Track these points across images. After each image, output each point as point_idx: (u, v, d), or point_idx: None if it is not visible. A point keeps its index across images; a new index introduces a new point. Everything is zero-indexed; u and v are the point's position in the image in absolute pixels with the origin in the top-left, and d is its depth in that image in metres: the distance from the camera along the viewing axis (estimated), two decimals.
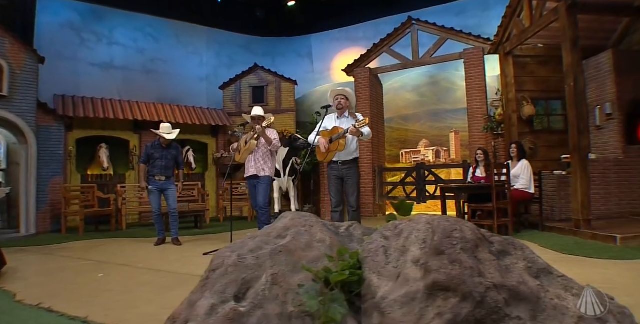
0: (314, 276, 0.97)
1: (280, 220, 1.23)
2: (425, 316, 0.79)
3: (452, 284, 0.80)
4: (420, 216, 1.07)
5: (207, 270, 1.11)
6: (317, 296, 0.91)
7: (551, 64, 6.56)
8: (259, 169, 4.87)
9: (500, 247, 0.94)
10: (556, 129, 6.53)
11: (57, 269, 3.89)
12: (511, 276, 0.85)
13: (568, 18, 4.67)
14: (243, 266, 1.01)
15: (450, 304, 0.78)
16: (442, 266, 0.83)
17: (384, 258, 1.04)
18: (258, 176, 4.88)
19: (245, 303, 0.94)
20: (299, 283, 1.00)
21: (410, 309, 0.84)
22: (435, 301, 0.81)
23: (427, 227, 0.99)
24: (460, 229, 0.89)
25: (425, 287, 0.83)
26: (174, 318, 0.95)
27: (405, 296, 0.86)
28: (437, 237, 0.87)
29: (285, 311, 0.92)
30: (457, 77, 10.44)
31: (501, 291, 0.81)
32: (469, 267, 0.82)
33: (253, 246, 1.09)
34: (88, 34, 9.50)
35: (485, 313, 0.79)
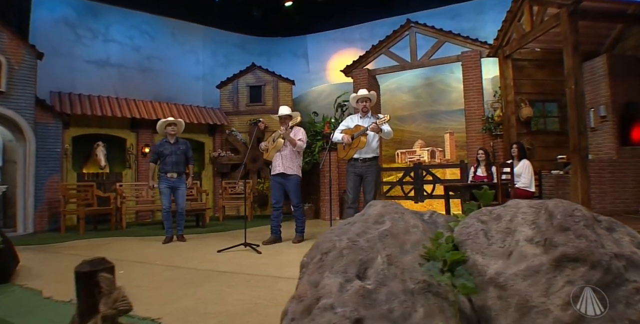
0: (428, 256, 1.05)
1: (370, 208, 1.30)
2: (555, 285, 0.88)
3: (580, 255, 0.89)
4: (517, 201, 1.17)
5: (312, 254, 1.18)
6: (440, 273, 1.00)
7: (548, 68, 6.80)
8: (287, 168, 4.95)
9: (607, 224, 1.04)
10: (552, 131, 6.77)
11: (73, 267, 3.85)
12: (623, 247, 0.95)
13: (569, 24, 4.87)
14: (357, 248, 1.09)
15: (579, 273, 0.88)
16: (569, 240, 0.92)
17: (485, 240, 1.12)
18: (286, 174, 4.96)
19: (369, 281, 1.01)
20: (410, 263, 1.08)
21: (535, 281, 0.93)
22: (563, 271, 0.90)
23: (533, 210, 1.08)
24: (579, 209, 0.99)
25: (551, 260, 0.92)
26: (300, 297, 1.01)
27: (526, 270, 0.95)
28: (560, 216, 0.96)
29: (407, 288, 1.00)
30: (452, 79, 10.68)
31: (620, 260, 0.91)
32: (593, 240, 0.92)
33: (357, 230, 1.16)
34: (84, 30, 9.36)
35: (611, 279, 0.89)
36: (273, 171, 5.12)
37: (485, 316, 1.00)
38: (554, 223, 0.97)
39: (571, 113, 4.90)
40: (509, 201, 1.19)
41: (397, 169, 9.49)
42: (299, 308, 0.98)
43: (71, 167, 8.32)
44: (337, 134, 4.75)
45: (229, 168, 10.02)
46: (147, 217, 9.03)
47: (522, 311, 0.94)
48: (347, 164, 4.75)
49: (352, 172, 4.62)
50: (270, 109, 10.43)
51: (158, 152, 5.43)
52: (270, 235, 5.10)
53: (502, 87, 6.71)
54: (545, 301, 0.90)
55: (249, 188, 9.12)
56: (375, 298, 0.97)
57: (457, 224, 1.25)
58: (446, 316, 0.96)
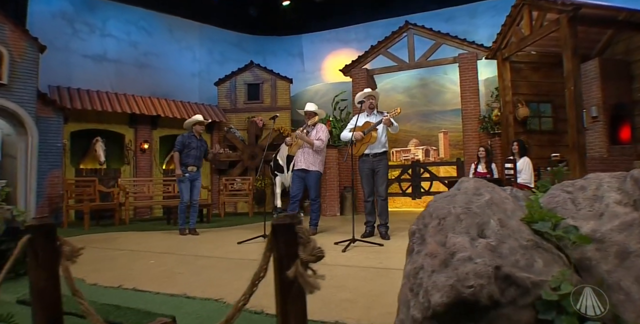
0: (527, 220, 1.23)
1: (464, 183, 1.47)
2: None
3: None
4: (598, 174, 1.36)
5: (423, 221, 1.34)
6: (552, 230, 1.18)
7: (542, 70, 7.15)
8: (309, 164, 5.07)
9: None
10: (546, 130, 7.12)
11: (103, 258, 3.89)
12: None
13: (569, 29, 5.18)
14: (472, 214, 1.25)
15: None
16: None
17: (573, 206, 1.31)
18: (307, 170, 5.07)
19: (490, 239, 1.18)
20: (516, 225, 1.25)
21: (630, 232, 1.11)
22: None
23: (617, 179, 1.28)
24: None
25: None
26: (432, 254, 1.16)
27: (621, 225, 1.14)
28: None
29: (522, 244, 1.17)
30: (445, 80, 11.01)
31: None
32: None
33: (464, 200, 1.33)
34: (81, 24, 9.25)
35: None
36: (295, 166, 5.24)
37: (584, 266, 1.18)
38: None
39: (570, 113, 5.21)
40: (589, 174, 1.39)
41: (395, 166, 9.73)
42: (436, 262, 1.14)
43: (69, 163, 8.22)
44: (346, 133, 4.89)
45: (227, 165, 10.06)
46: (146, 213, 8.99)
47: (622, 257, 1.12)
48: (359, 160, 4.91)
49: (365, 168, 4.79)
50: (268, 106, 10.54)
51: (186, 143, 5.57)
52: None
53: (500, 88, 7.02)
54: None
55: (249, 185, 9.20)
56: (500, 252, 1.14)
57: (536, 197, 1.44)
58: (560, 266, 1.14)
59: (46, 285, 1.04)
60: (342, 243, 4.18)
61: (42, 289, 1.04)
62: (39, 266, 1.03)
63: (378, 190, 4.77)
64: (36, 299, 1.04)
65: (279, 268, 0.89)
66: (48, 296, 1.05)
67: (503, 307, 1.06)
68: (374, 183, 4.80)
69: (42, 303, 1.04)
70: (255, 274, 0.96)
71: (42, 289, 1.04)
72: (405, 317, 1.18)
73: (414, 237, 1.34)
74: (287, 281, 0.87)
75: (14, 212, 3.26)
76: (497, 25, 9.63)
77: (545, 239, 1.25)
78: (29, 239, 1.01)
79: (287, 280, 0.87)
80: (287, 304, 0.89)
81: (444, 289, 1.04)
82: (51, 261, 1.04)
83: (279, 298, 0.91)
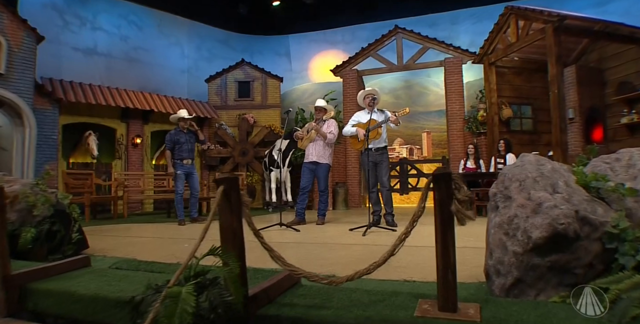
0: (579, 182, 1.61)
1: (525, 157, 1.82)
2: None
3: None
4: (629, 149, 1.76)
5: (504, 184, 1.69)
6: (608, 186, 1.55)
7: (524, 75, 7.77)
8: (320, 157, 5.34)
9: None
10: (527, 130, 7.73)
11: (135, 243, 4.03)
12: None
13: (554, 38, 5.75)
14: (544, 177, 1.60)
15: None
16: None
17: (612, 173, 1.69)
18: (318, 162, 5.34)
19: (563, 194, 1.54)
20: (574, 186, 1.62)
21: None
22: None
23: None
24: None
25: None
26: (523, 205, 1.49)
27: None
28: None
29: (584, 198, 1.54)
30: (429, 83, 11.60)
31: None
32: None
33: (532, 168, 1.68)
34: (71, 17, 9.13)
35: None
36: (306, 159, 5.49)
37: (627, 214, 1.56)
38: None
39: (554, 113, 5.78)
40: (621, 149, 1.78)
41: None
42: (527, 210, 1.48)
43: (60, 156, 8.11)
44: (349, 128, 5.21)
45: (218, 161, 10.17)
46: (137, 208, 8.97)
47: None
48: (361, 154, 5.24)
49: (368, 161, 5.12)
50: (259, 104, 10.73)
51: (174, 140, 5.72)
52: (294, 217, 5.47)
53: (486, 91, 7.57)
54: None
55: (242, 181, 9.35)
56: (573, 202, 1.50)
57: (579, 168, 1.82)
58: (612, 212, 1.51)
59: (236, 226, 1.29)
60: (357, 230, 4.50)
61: (233, 230, 1.29)
62: (232, 211, 1.28)
63: (382, 181, 5.12)
64: (228, 239, 1.30)
65: (440, 206, 1.20)
66: (238, 235, 1.31)
67: (581, 240, 1.42)
68: (376, 176, 5.13)
69: (233, 242, 1.30)
70: (415, 214, 1.26)
71: (233, 229, 1.29)
72: (501, 255, 1.52)
73: (495, 197, 1.69)
74: (447, 216, 1.18)
75: (59, 195, 3.37)
76: (478, 32, 10.34)
77: (595, 196, 1.63)
78: (223, 190, 1.26)
79: (448, 215, 1.18)
80: (447, 235, 1.20)
81: (542, 227, 1.39)
82: (239, 207, 1.30)
83: (440, 229, 1.21)
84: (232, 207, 1.28)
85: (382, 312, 1.24)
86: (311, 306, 1.34)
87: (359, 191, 9.60)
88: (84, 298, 1.66)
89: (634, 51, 6.40)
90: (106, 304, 1.59)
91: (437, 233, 1.23)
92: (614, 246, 1.41)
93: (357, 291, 1.52)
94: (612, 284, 1.25)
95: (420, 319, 1.18)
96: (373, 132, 5.05)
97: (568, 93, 7.13)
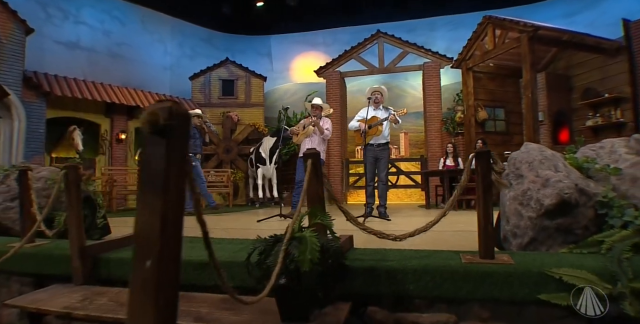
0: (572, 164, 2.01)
1: (529, 145, 2.21)
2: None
3: None
4: (610, 139, 2.18)
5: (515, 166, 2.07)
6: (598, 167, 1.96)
7: (497, 80, 8.38)
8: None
9: None
10: (500, 131, 8.34)
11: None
12: None
13: (528, 46, 6.32)
14: (548, 159, 1.98)
15: None
16: None
17: (598, 158, 2.11)
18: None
19: (563, 173, 1.93)
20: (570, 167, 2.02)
21: (636, 168, 1.88)
22: None
23: (624, 141, 2.10)
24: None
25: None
26: (534, 181, 1.86)
27: (630, 164, 1.91)
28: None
29: (579, 176, 1.94)
30: (406, 85, 12.15)
31: None
32: None
33: (537, 153, 2.07)
34: (54, 9, 8.99)
35: None
36: (300, 153, 5.76)
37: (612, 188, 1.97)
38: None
39: (527, 115, 6.35)
40: (605, 140, 2.20)
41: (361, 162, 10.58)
42: (537, 185, 1.86)
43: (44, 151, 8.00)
44: (354, 123, 5.55)
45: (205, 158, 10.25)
46: (121, 204, 8.93)
47: (632, 181, 1.92)
48: (364, 149, 5.58)
49: (370, 156, 5.46)
50: (242, 102, 10.90)
51: (190, 135, 5.91)
52: (291, 209, 5.73)
53: (464, 94, 8.12)
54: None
55: (227, 178, 9.49)
56: (571, 178, 1.89)
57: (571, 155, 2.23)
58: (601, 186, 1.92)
59: (320, 192, 1.58)
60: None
61: (319, 195, 1.57)
62: (317, 180, 1.56)
63: (380, 175, 5.47)
64: (314, 202, 1.58)
65: (483, 177, 1.55)
66: (321, 199, 1.60)
67: (580, 207, 1.81)
68: (375, 170, 5.49)
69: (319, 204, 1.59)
70: (462, 181, 1.60)
71: (319, 195, 1.57)
72: (517, 221, 1.89)
73: (508, 177, 2.06)
74: (487, 183, 1.52)
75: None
76: (454, 38, 10.98)
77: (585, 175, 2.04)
78: (311, 162, 1.55)
79: (488, 183, 1.52)
80: (487, 199, 1.55)
81: (551, 196, 1.77)
82: (322, 177, 1.59)
83: (482, 195, 1.56)
84: (317, 177, 1.56)
85: (436, 262, 1.57)
86: (376, 260, 1.65)
87: (341, 188, 9.96)
88: None
89: (599, 60, 7.09)
90: (188, 267, 1.83)
91: (479, 198, 1.57)
92: (605, 212, 1.80)
93: (405, 251, 1.85)
94: (606, 238, 1.64)
95: (469, 265, 1.51)
96: (373, 129, 5.39)
97: (538, 97, 7.77)
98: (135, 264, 0.58)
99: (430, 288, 1.49)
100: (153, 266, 0.56)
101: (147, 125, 0.59)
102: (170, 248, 0.60)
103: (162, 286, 0.56)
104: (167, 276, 0.58)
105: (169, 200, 0.60)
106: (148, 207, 0.61)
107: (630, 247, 1.52)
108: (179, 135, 0.63)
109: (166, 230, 0.59)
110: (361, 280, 1.56)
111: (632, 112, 6.76)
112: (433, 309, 1.52)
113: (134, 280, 0.57)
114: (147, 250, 0.57)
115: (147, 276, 0.56)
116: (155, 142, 0.59)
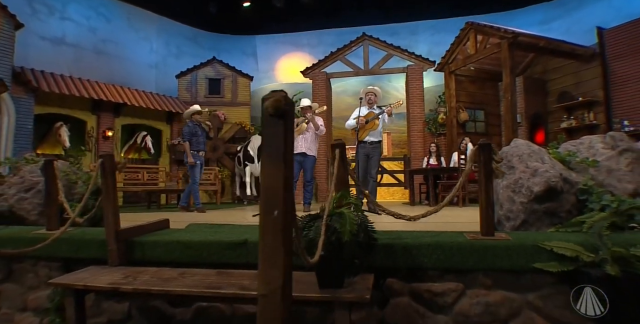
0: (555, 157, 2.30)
1: (517, 141, 2.49)
2: (620, 161, 2.18)
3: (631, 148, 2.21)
4: (589, 136, 2.48)
5: (507, 158, 2.35)
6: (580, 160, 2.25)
7: (478, 83, 8.80)
8: (308, 149, 5.80)
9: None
10: (480, 132, 8.76)
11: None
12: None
13: (508, 52, 6.72)
14: (534, 153, 2.28)
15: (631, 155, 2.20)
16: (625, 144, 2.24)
17: (578, 152, 2.42)
18: (307, 154, 5.80)
19: (548, 164, 2.21)
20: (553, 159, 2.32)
21: (611, 161, 2.21)
22: (622, 155, 2.21)
23: (600, 137, 2.40)
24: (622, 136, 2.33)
25: (617, 152, 2.22)
26: (524, 171, 2.15)
27: (606, 158, 2.22)
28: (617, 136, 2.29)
29: (561, 168, 2.23)
30: (390, 87, 12.49)
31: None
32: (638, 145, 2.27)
33: (525, 147, 2.35)
34: (40, 5, 8.89)
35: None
36: (295, 151, 5.96)
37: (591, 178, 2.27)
38: (615, 139, 2.30)
39: (506, 116, 6.75)
40: (584, 136, 2.51)
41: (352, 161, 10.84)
42: (527, 174, 2.13)
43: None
44: (351, 121, 5.77)
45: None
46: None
47: (608, 172, 2.23)
48: (357, 146, 5.81)
49: (362, 153, 5.70)
50: (229, 101, 11.00)
51: (193, 132, 5.95)
52: (303, 205, 5.92)
53: (447, 96, 8.50)
54: (619, 167, 2.20)
55: (215, 176, 9.57)
56: (556, 169, 2.18)
57: (554, 150, 2.52)
58: (582, 177, 2.21)
59: (346, 177, 1.80)
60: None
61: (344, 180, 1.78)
62: (344, 163, 1.77)
63: (370, 172, 5.73)
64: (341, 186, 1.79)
65: (485, 165, 1.80)
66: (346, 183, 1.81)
67: (564, 193, 2.10)
68: (367, 167, 5.73)
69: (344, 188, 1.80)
70: (465, 172, 1.85)
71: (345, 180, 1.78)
72: (510, 206, 2.16)
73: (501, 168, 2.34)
74: (489, 170, 1.78)
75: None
76: (435, 42, 11.39)
77: (567, 167, 2.33)
78: (339, 150, 1.76)
79: (489, 170, 1.78)
80: (489, 184, 1.80)
81: (540, 184, 2.05)
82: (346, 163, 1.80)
83: (484, 181, 1.81)
84: (344, 164, 1.78)
85: (445, 239, 1.82)
86: (392, 238, 1.88)
87: (327, 186, 10.19)
88: (196, 244, 2.07)
89: (574, 65, 7.58)
90: (220, 247, 2.02)
91: (481, 183, 1.83)
92: (585, 198, 2.10)
93: (415, 232, 2.09)
94: (587, 219, 1.93)
95: (474, 241, 1.77)
96: (370, 123, 5.62)
97: (517, 100, 8.21)
98: (264, 214, 0.78)
99: (442, 261, 1.74)
100: (279, 215, 0.76)
101: (272, 109, 0.79)
102: (289, 201, 0.80)
103: (285, 228, 0.76)
104: (288, 221, 0.78)
105: (288, 166, 0.80)
106: (273, 172, 0.81)
107: (608, 225, 1.81)
108: (290, 118, 0.83)
109: (287, 189, 0.79)
110: (381, 255, 1.79)
111: (604, 115, 7.26)
112: (443, 279, 1.77)
113: (264, 225, 0.77)
114: (274, 203, 0.78)
115: (276, 222, 0.76)
116: (275, 123, 0.79)
